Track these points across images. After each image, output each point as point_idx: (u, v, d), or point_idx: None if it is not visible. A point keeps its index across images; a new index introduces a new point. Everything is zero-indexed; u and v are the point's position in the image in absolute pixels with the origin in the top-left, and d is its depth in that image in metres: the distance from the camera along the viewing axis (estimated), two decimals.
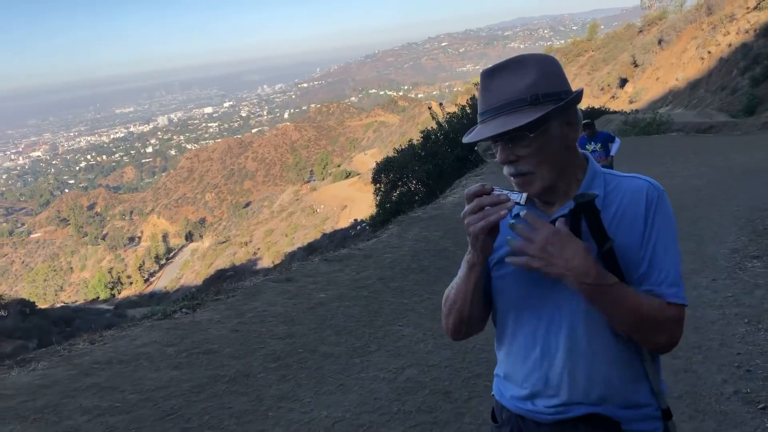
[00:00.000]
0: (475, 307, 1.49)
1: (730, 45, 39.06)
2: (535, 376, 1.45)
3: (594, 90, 56.36)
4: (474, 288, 1.46)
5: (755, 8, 38.96)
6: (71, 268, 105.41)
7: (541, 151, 1.36)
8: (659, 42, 51.18)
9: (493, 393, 1.65)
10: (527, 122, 1.31)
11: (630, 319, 1.32)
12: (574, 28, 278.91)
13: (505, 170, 1.41)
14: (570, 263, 1.30)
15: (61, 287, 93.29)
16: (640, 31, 63.31)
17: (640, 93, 47.97)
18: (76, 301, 76.53)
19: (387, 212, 14.78)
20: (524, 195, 1.32)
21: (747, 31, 37.82)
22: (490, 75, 1.41)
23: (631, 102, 45.96)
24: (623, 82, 54.04)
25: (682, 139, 18.96)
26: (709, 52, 41.57)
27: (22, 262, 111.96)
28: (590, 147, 8.89)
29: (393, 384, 4.00)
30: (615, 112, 31.06)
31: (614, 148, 9.00)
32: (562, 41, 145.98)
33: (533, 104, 1.34)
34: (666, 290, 1.35)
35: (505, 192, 1.34)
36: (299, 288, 5.90)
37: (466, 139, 1.45)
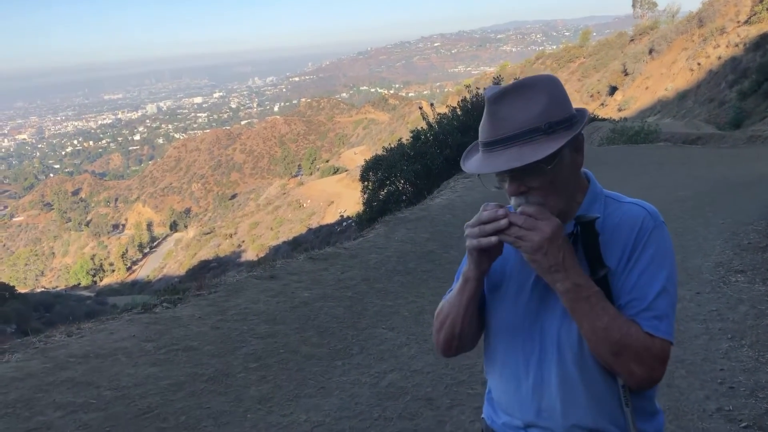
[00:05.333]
0: (468, 323, 1.44)
1: (719, 58, 39.36)
2: (528, 406, 1.41)
3: (583, 96, 56.65)
4: (468, 303, 1.41)
5: (746, 22, 39.30)
6: (53, 253, 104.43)
7: (553, 182, 1.31)
8: (650, 51, 51.48)
9: (483, 416, 1.60)
10: (548, 155, 1.26)
11: (607, 338, 1.26)
12: (567, 33, 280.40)
13: (514, 201, 1.34)
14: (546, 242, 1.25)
15: (42, 272, 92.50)
16: (632, 40, 63.69)
17: (629, 101, 48.23)
18: (57, 286, 76.06)
19: (374, 211, 14.74)
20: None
21: (737, 45, 38.12)
22: (497, 100, 1.31)
23: (620, 110, 46.19)
24: (613, 89, 54.32)
25: (669, 149, 19.05)
26: (698, 64, 41.88)
27: (3, 246, 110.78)
28: None
29: (375, 389, 3.95)
30: (603, 120, 31.15)
31: None
32: (554, 46, 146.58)
33: (547, 133, 1.28)
34: (647, 321, 1.28)
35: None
36: (283, 286, 5.84)
37: (471, 169, 1.38)
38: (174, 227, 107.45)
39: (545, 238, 1.24)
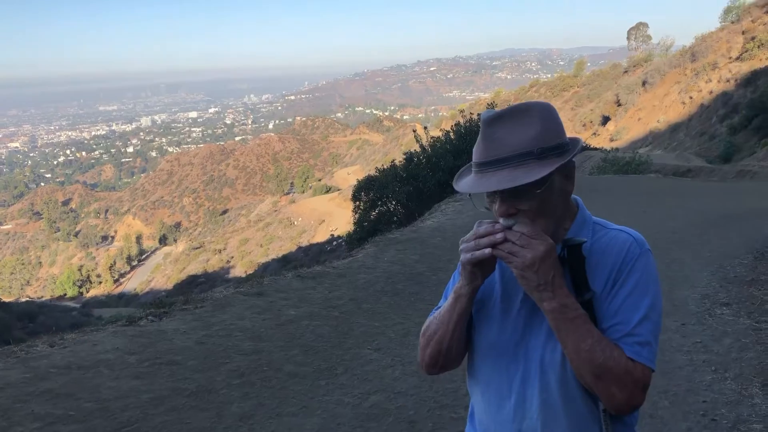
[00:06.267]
0: (455, 340, 1.46)
1: (711, 92, 39.90)
2: (508, 428, 1.42)
3: (576, 126, 57.17)
4: (458, 319, 1.43)
5: (737, 59, 39.92)
6: (40, 262, 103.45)
7: (542, 206, 1.34)
8: (643, 83, 52.11)
9: None
10: (538, 178, 1.28)
11: (590, 360, 1.27)
12: (561, 63, 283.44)
13: (503, 222, 1.36)
14: (538, 265, 1.28)
15: (28, 282, 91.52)
16: (626, 72, 64.54)
17: (621, 132, 48.69)
18: (42, 296, 75.21)
19: (364, 231, 14.75)
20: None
21: (728, 80, 38.69)
22: (493, 123, 1.35)
23: (611, 140, 46.61)
24: (605, 119, 54.86)
25: (659, 180, 19.21)
26: (690, 98, 42.41)
27: None
28: None
29: (357, 409, 3.93)
30: (595, 149, 31.45)
31: None
32: (549, 75, 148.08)
33: (539, 158, 1.31)
34: (629, 346, 1.30)
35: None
36: (270, 303, 5.82)
37: (462, 188, 1.40)
38: (163, 241, 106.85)
39: (538, 256, 1.27)
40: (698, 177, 21.95)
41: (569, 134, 1.40)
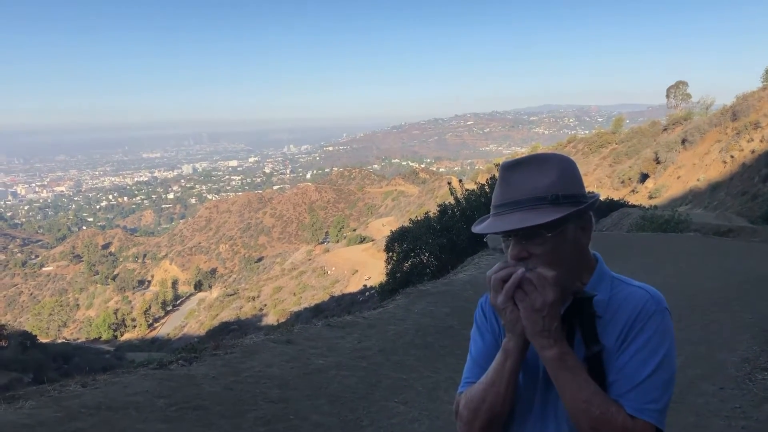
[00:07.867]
0: (508, 401, 1.40)
1: (753, 152, 39.30)
2: None
3: (614, 182, 56.61)
4: (509, 377, 1.38)
5: None
6: (78, 305, 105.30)
7: (553, 252, 1.35)
8: (683, 142, 51.60)
9: None
10: (548, 221, 1.31)
11: (587, 412, 1.26)
12: (600, 119, 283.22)
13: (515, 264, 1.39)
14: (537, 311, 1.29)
15: (65, 323, 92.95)
16: (665, 129, 64.00)
17: (660, 190, 48.05)
18: (78, 338, 76.25)
19: (396, 282, 14.74)
20: None
21: None
22: (511, 168, 1.40)
23: (650, 197, 45.97)
24: (644, 177, 54.23)
25: (699, 239, 18.82)
26: (732, 157, 41.81)
27: (31, 294, 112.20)
28: None
29: None
30: (633, 206, 31.08)
31: None
32: (587, 131, 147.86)
33: (553, 204, 1.34)
34: (631, 403, 1.28)
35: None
36: (299, 351, 5.83)
37: (477, 229, 1.43)
38: (198, 287, 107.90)
39: (548, 302, 1.29)
40: (740, 237, 21.41)
41: (607, 191, 1.42)
